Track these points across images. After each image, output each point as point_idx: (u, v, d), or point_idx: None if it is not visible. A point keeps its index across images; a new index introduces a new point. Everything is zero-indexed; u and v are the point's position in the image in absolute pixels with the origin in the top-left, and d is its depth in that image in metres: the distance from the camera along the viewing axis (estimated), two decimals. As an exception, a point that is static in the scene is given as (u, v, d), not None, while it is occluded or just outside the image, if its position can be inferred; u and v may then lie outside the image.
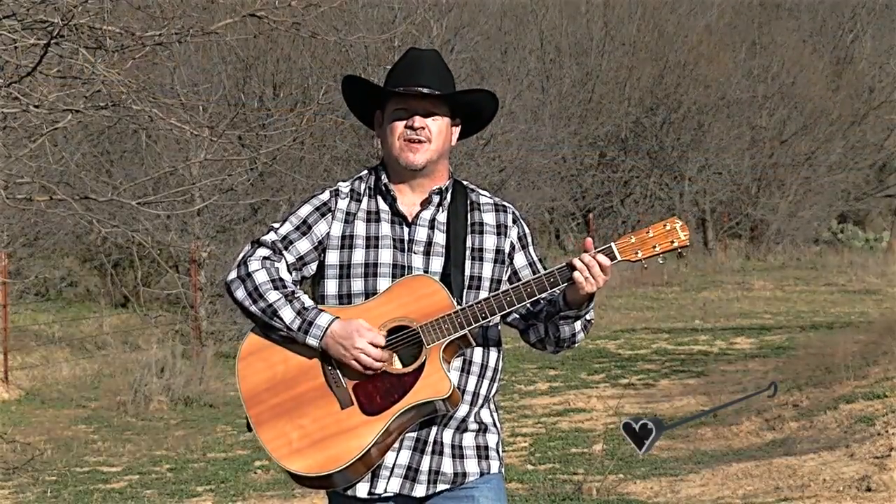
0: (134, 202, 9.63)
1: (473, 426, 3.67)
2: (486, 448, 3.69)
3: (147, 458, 10.80)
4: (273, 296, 3.57)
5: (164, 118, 8.90)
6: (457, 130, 3.77)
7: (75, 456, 10.97)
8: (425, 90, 3.63)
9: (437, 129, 3.67)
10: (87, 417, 13.03)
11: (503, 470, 3.77)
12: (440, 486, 3.62)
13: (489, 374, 3.70)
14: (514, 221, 3.75)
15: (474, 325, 3.54)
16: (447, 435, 3.63)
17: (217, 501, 9.00)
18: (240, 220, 18.62)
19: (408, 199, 3.70)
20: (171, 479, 9.90)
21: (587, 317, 3.67)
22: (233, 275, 3.65)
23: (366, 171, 3.78)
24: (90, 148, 19.16)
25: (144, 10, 9.21)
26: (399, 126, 3.65)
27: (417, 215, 3.68)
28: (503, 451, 3.80)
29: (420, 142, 3.64)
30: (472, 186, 3.80)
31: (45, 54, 8.21)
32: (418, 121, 3.64)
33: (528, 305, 3.67)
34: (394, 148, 3.67)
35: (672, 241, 3.59)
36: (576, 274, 3.53)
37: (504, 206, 3.77)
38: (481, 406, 3.69)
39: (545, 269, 3.70)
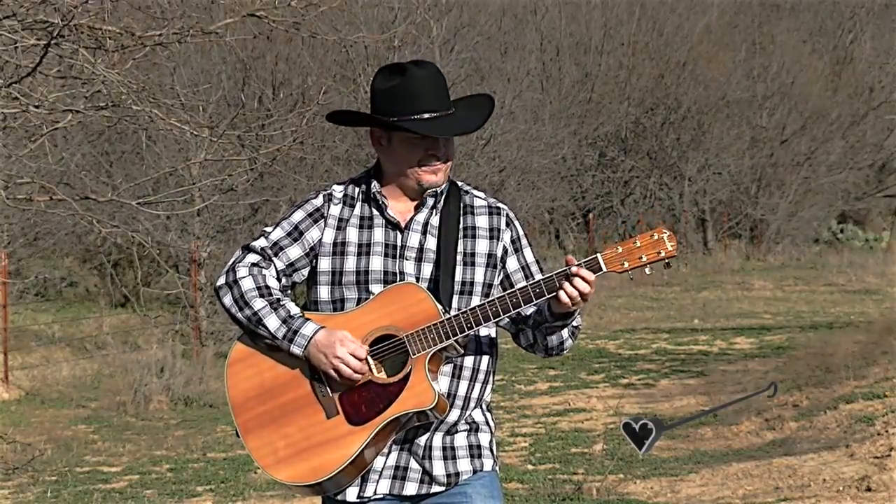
0: (134, 202, 9.63)
1: (464, 427, 3.66)
2: (479, 447, 3.68)
3: (147, 458, 10.80)
4: (258, 303, 3.57)
5: (164, 118, 8.90)
6: None
7: (75, 456, 10.97)
8: (457, 128, 3.60)
9: (452, 149, 3.67)
10: (87, 417, 13.03)
11: (497, 468, 3.75)
12: (434, 488, 3.62)
13: (481, 377, 3.68)
14: (508, 224, 3.72)
15: (460, 336, 3.53)
16: (437, 438, 3.62)
17: (217, 501, 9.00)
18: (240, 220, 18.60)
19: (400, 206, 3.68)
20: (171, 479, 9.90)
21: (574, 323, 3.65)
22: (221, 280, 3.65)
23: (360, 175, 3.76)
24: (90, 148, 19.15)
25: (144, 11, 9.21)
26: (418, 152, 3.60)
27: (411, 220, 3.66)
28: (497, 450, 3.78)
29: (441, 164, 3.63)
30: (467, 188, 3.77)
31: (45, 54, 8.21)
32: (441, 148, 3.61)
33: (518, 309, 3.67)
34: (413, 172, 3.62)
35: (659, 252, 3.55)
36: (562, 295, 3.50)
37: (498, 208, 3.74)
38: (473, 408, 3.68)
39: (541, 270, 3.69)
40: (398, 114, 3.58)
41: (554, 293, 3.52)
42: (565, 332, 3.64)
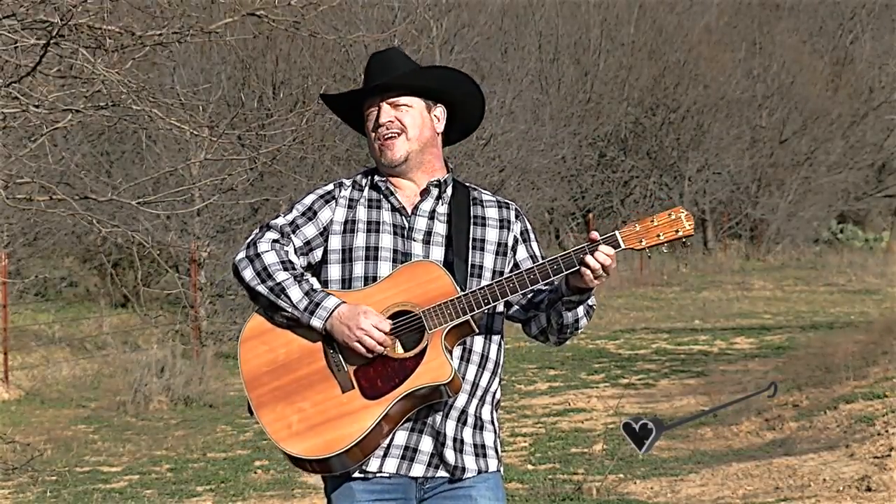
0: (134, 202, 9.62)
1: (472, 420, 3.67)
2: (483, 446, 3.69)
3: (147, 458, 10.80)
4: (282, 275, 3.59)
5: (163, 118, 8.90)
6: (441, 115, 3.76)
7: (75, 456, 10.97)
8: (371, 85, 3.69)
9: (411, 119, 3.69)
10: (87, 417, 13.03)
11: (502, 469, 3.76)
12: (440, 472, 3.63)
13: (490, 365, 3.70)
14: (517, 217, 3.79)
15: (477, 311, 3.55)
16: (450, 427, 3.63)
17: (217, 501, 9.00)
18: (240, 220, 18.61)
19: (406, 192, 3.73)
20: (171, 479, 9.89)
21: (590, 302, 3.67)
22: (241, 255, 3.66)
23: (364, 170, 3.82)
24: (90, 148, 19.17)
25: (144, 10, 9.20)
26: (371, 126, 3.71)
27: (417, 206, 3.71)
28: (501, 450, 3.79)
29: (394, 136, 3.67)
30: (474, 186, 3.84)
31: (44, 54, 8.21)
32: (384, 115, 3.67)
33: (530, 296, 3.70)
34: (374, 150, 3.72)
35: (676, 231, 3.58)
36: (586, 272, 3.52)
37: (506, 202, 3.81)
38: (481, 399, 3.70)
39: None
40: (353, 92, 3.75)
41: (572, 269, 3.54)
42: (581, 310, 3.65)
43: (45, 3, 8.27)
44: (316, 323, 3.55)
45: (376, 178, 3.73)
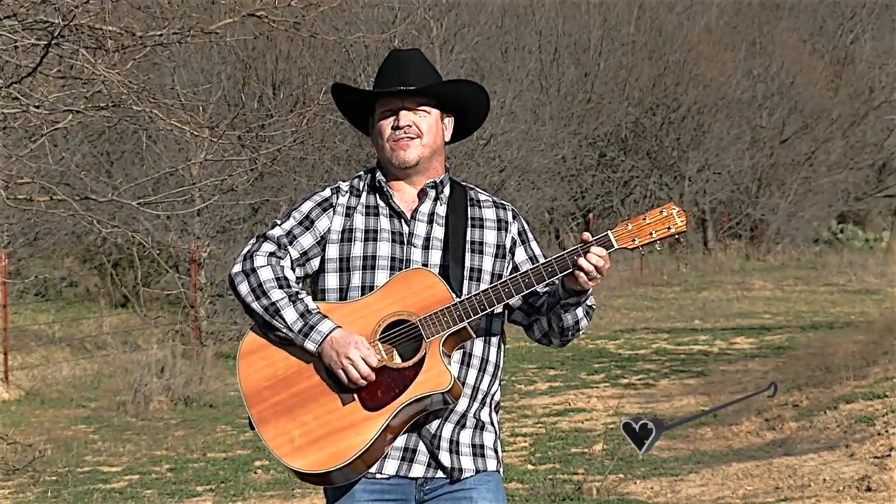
0: (134, 202, 9.63)
1: (471, 422, 3.67)
2: (482, 447, 3.69)
3: (147, 458, 10.81)
4: (277, 294, 3.57)
5: (164, 118, 8.90)
6: (449, 124, 3.78)
7: (75, 456, 10.98)
8: (403, 87, 3.65)
9: (427, 125, 3.69)
10: (87, 417, 13.03)
11: (501, 469, 3.76)
12: (439, 473, 3.63)
13: (490, 369, 3.70)
14: (514, 218, 3.78)
15: (473, 318, 3.54)
16: (447, 430, 3.63)
17: (217, 501, 9.00)
18: (240, 220, 18.62)
19: (405, 196, 3.72)
20: (171, 479, 9.90)
21: (588, 302, 3.67)
22: (237, 268, 3.64)
23: (363, 171, 3.81)
24: (90, 148, 19.17)
25: (144, 10, 9.20)
26: (386, 127, 3.68)
27: (416, 210, 3.70)
28: (501, 451, 3.79)
29: (409, 139, 3.66)
30: (471, 185, 3.83)
31: (45, 55, 8.21)
32: (403, 118, 3.66)
33: (530, 300, 3.69)
34: (384, 149, 3.69)
35: (669, 227, 3.57)
36: (580, 275, 3.52)
37: (503, 203, 3.80)
38: (482, 403, 3.69)
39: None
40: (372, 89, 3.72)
41: (566, 271, 3.54)
42: (580, 311, 3.65)
43: (46, 3, 8.28)
44: (310, 346, 3.54)
45: (378, 176, 3.72)
